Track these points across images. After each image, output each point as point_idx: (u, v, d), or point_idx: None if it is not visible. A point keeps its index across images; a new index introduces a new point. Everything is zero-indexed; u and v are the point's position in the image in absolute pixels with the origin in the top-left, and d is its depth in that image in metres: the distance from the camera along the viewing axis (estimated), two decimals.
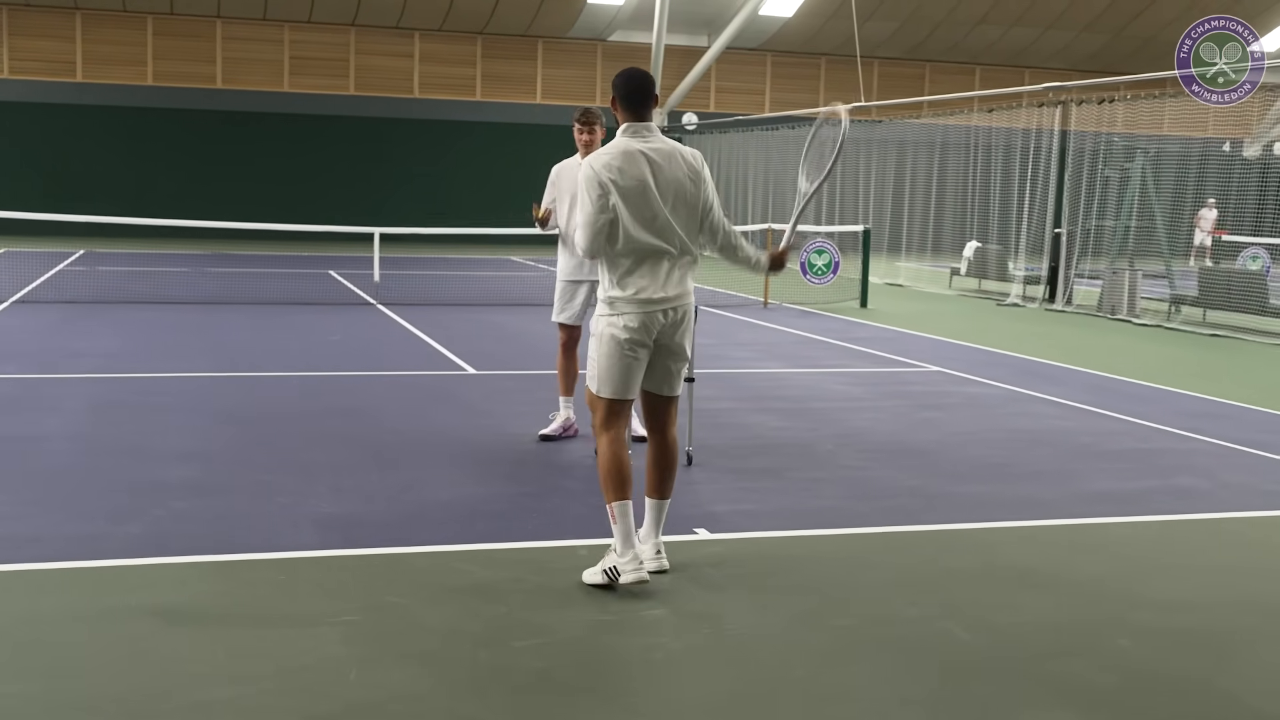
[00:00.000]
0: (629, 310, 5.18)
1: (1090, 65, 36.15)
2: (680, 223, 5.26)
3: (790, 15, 33.65)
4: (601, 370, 5.26)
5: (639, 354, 5.22)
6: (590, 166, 5.16)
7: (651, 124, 5.30)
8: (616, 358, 5.21)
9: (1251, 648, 4.79)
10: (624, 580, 5.05)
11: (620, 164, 5.13)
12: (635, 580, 5.05)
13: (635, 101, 5.26)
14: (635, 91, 5.26)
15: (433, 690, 4.14)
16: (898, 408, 9.90)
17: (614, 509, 5.14)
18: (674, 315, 5.25)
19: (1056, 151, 20.36)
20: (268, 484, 6.78)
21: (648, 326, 5.19)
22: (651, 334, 5.21)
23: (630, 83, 5.28)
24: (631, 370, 5.24)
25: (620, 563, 5.08)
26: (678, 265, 5.29)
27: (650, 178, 5.15)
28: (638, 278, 5.20)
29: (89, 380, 10.06)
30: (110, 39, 31.23)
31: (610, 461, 5.21)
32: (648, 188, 5.15)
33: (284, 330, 13.76)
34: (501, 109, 33.19)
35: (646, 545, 5.35)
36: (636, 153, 5.17)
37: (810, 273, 19.06)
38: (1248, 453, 8.43)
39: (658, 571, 5.26)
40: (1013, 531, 6.36)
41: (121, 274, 20.22)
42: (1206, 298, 17.43)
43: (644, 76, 5.33)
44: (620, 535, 5.12)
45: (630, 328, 5.17)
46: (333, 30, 32.58)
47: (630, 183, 5.12)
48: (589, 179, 5.15)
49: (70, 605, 4.83)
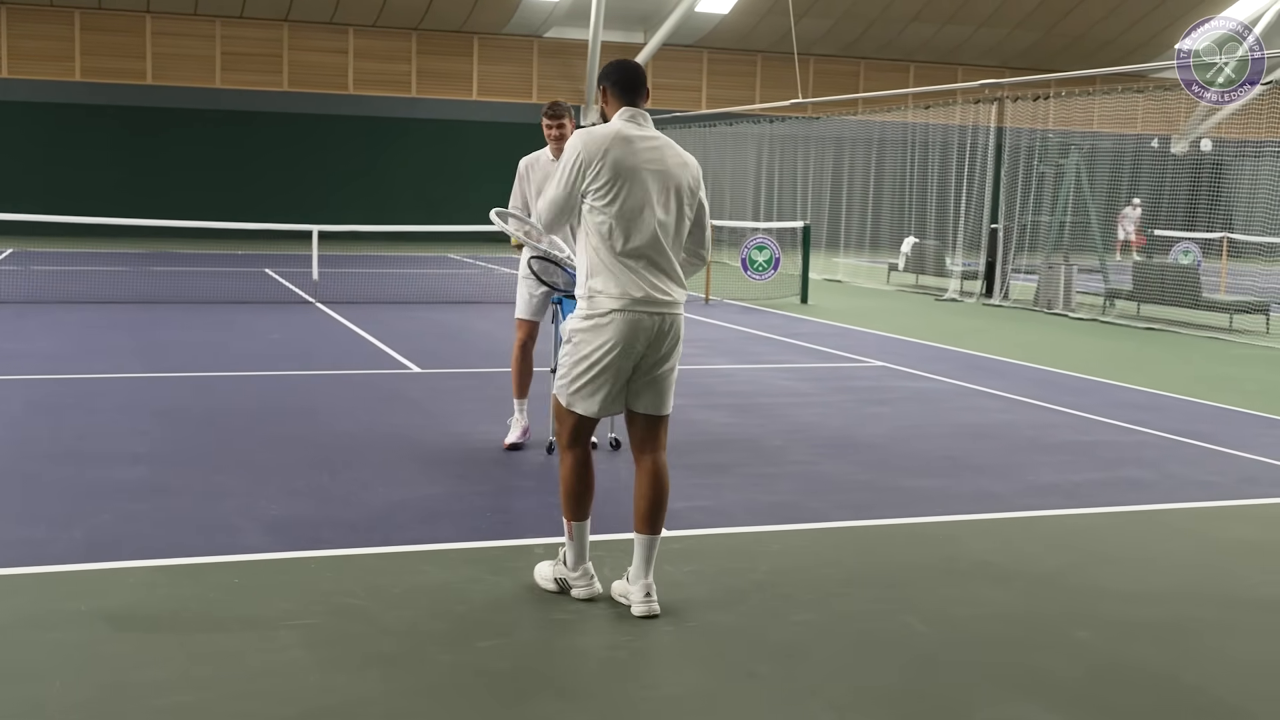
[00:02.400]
0: (615, 311, 4.67)
1: (1021, 62, 36.57)
2: (673, 219, 4.80)
3: (726, 12, 33.73)
4: (578, 382, 4.77)
5: (623, 365, 4.72)
6: (580, 139, 4.75)
7: (647, 114, 4.92)
8: (597, 368, 4.72)
9: (1207, 638, 4.85)
10: (575, 594, 4.95)
11: (613, 146, 4.71)
12: (588, 596, 4.94)
13: (629, 88, 4.90)
14: (629, 78, 4.91)
15: (396, 693, 4.08)
16: (844, 403, 9.94)
17: (571, 527, 4.96)
18: (664, 323, 4.76)
19: (992, 148, 20.57)
20: (216, 485, 6.67)
21: (635, 333, 4.69)
22: (639, 343, 4.71)
23: (623, 69, 4.95)
24: (613, 384, 4.75)
25: (572, 577, 4.97)
26: (671, 265, 4.81)
27: (644, 166, 4.74)
28: (626, 275, 4.69)
29: (24, 382, 9.85)
30: (36, 34, 30.64)
31: (577, 484, 4.91)
32: (640, 175, 4.72)
33: (223, 329, 13.56)
34: (437, 105, 32.98)
35: (635, 586, 4.85)
36: (633, 138, 4.76)
37: (751, 269, 19.12)
38: (1190, 444, 8.55)
39: (647, 616, 4.77)
40: (966, 525, 6.40)
41: (52, 273, 19.85)
42: (1140, 292, 17.68)
43: (636, 64, 5.00)
44: (575, 552, 4.97)
45: (615, 334, 4.68)
46: (265, 26, 32.19)
47: (621, 167, 4.69)
48: (572, 150, 4.74)
49: (18, 612, 4.71)
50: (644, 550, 4.88)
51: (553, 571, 5.04)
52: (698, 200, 4.93)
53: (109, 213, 23.45)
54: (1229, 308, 16.78)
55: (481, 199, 33.31)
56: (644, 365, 4.78)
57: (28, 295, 16.44)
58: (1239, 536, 6.38)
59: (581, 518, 4.96)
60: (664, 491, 4.93)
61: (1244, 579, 5.64)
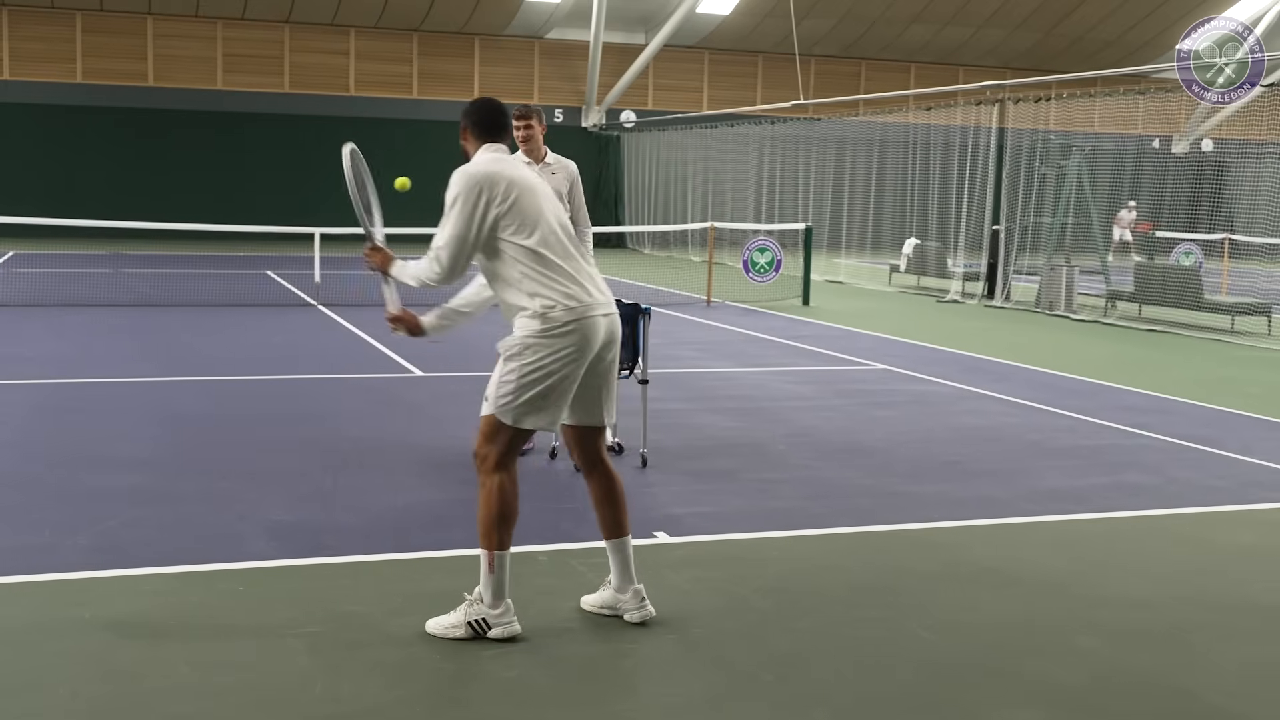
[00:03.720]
0: (566, 319, 4.59)
1: (1022, 63, 36.58)
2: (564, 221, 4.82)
3: (727, 13, 33.73)
4: (525, 396, 4.60)
5: (574, 374, 4.63)
6: (464, 178, 4.65)
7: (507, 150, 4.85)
8: (547, 380, 4.59)
9: (1209, 645, 4.85)
10: (494, 634, 4.58)
11: (504, 169, 4.69)
12: (509, 635, 4.58)
13: (489, 127, 4.84)
14: (488, 118, 4.85)
15: (401, 702, 4.09)
16: (847, 406, 9.95)
17: (495, 558, 4.61)
18: (611, 326, 4.73)
19: (994, 149, 20.57)
20: (219, 491, 6.67)
21: (586, 339, 4.62)
22: (591, 348, 4.65)
23: (483, 109, 4.87)
24: (566, 395, 4.65)
25: (492, 615, 4.59)
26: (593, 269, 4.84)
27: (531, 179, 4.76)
28: (565, 280, 4.63)
29: (27, 386, 9.86)
30: (38, 36, 30.65)
31: (505, 506, 4.64)
32: (534, 188, 4.72)
33: (225, 332, 13.57)
34: (438, 107, 32.95)
35: (626, 595, 4.82)
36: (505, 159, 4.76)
37: (753, 271, 19.13)
38: (1193, 448, 8.55)
39: (644, 622, 4.78)
40: (970, 530, 6.40)
41: (54, 276, 19.85)
42: (1142, 293, 17.68)
43: (498, 104, 4.91)
44: (495, 586, 4.61)
45: (568, 341, 4.59)
46: (266, 27, 32.20)
47: (520, 184, 4.67)
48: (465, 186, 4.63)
49: (22, 620, 4.72)
50: (621, 556, 4.85)
51: (464, 615, 4.62)
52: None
53: (110, 215, 23.46)
54: (1231, 309, 16.78)
55: None
56: (590, 370, 4.71)
57: (27, 298, 16.44)
58: (1242, 542, 6.38)
59: (507, 545, 4.65)
60: (623, 491, 4.93)
61: (1247, 584, 5.64)
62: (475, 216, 4.61)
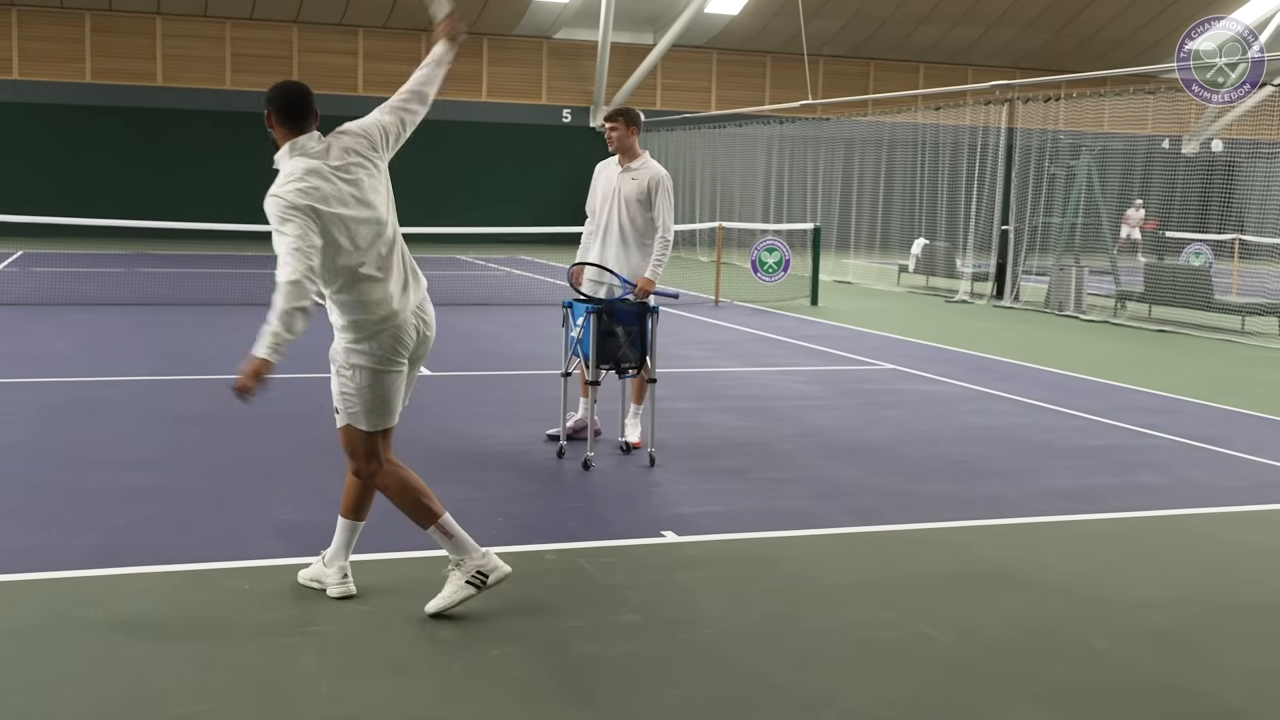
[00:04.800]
0: (386, 325, 4.73)
1: (1031, 63, 36.51)
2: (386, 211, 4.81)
3: (736, 13, 33.70)
4: (365, 402, 4.81)
5: (400, 369, 4.85)
6: (282, 198, 4.53)
7: (314, 133, 4.75)
8: (379, 383, 4.80)
9: (1222, 646, 4.82)
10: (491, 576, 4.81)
11: (314, 184, 4.59)
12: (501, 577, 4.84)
13: (293, 114, 4.73)
14: (292, 103, 4.74)
15: (408, 702, 4.07)
16: (855, 406, 9.92)
17: (441, 526, 4.86)
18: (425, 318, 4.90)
19: (1003, 149, 20.52)
20: (227, 490, 6.67)
21: (402, 340, 4.80)
22: (408, 346, 4.82)
23: (286, 94, 4.77)
24: (397, 394, 4.91)
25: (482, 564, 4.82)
26: (408, 267, 4.86)
27: (345, 186, 4.66)
28: (377, 293, 4.70)
29: (36, 385, 9.86)
30: (47, 35, 30.70)
31: (408, 489, 4.90)
32: (346, 197, 4.64)
33: (234, 331, 13.55)
34: (447, 107, 32.90)
35: (332, 569, 5.02)
36: (319, 168, 4.64)
37: (761, 270, 19.10)
38: (1203, 448, 8.51)
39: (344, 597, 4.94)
40: (980, 530, 6.37)
41: (63, 275, 19.88)
42: (1152, 293, 17.63)
43: (301, 92, 4.80)
44: (463, 542, 4.85)
45: (386, 347, 4.77)
46: (275, 27, 32.22)
47: (331, 199, 4.59)
48: (284, 211, 4.51)
49: (30, 619, 4.71)
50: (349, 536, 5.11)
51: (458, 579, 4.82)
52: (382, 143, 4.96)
53: (119, 214, 23.49)
54: (1241, 310, 16.72)
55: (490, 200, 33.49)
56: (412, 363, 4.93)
57: (37, 298, 16.46)
58: (1254, 542, 6.34)
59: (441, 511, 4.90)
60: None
61: (1261, 585, 5.61)
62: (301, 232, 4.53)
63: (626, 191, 7.94)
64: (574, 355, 7.70)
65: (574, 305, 7.66)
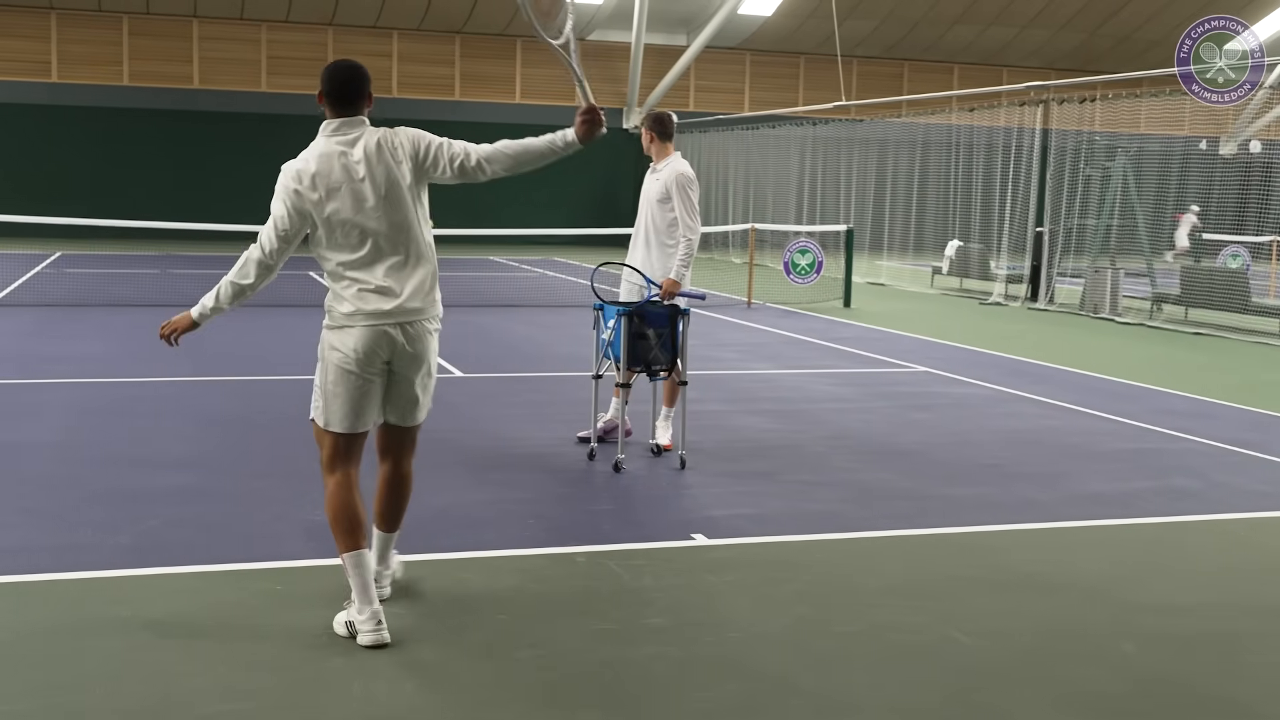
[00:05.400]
0: (351, 326, 4.61)
1: (1067, 63, 36.29)
2: (402, 219, 4.63)
3: (769, 14, 33.66)
4: (327, 399, 4.69)
5: (369, 379, 4.63)
6: (284, 173, 4.65)
7: (359, 119, 4.70)
8: (341, 384, 4.63)
9: (1254, 651, 4.78)
10: (361, 641, 4.47)
11: (314, 169, 4.59)
12: (374, 642, 4.46)
13: (341, 97, 4.67)
14: (342, 86, 4.67)
15: (436, 704, 4.09)
16: (887, 408, 9.88)
17: (346, 560, 4.57)
18: (410, 331, 4.65)
19: (1038, 150, 20.40)
20: (259, 491, 6.71)
21: (376, 345, 4.60)
22: (382, 355, 4.62)
23: (337, 76, 4.69)
24: (362, 399, 4.65)
25: (359, 620, 4.51)
26: (407, 271, 4.65)
27: (350, 178, 4.58)
28: (359, 287, 4.60)
29: (72, 385, 9.95)
30: (85, 39, 30.99)
31: (339, 508, 4.65)
32: (349, 189, 4.57)
33: (265, 333, 13.66)
34: (480, 108, 33.08)
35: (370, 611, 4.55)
36: (333, 154, 4.61)
37: (794, 272, 19.07)
38: (1238, 452, 8.43)
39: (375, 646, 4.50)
40: (1011, 535, 6.34)
41: (100, 276, 20.06)
42: (1188, 296, 17.48)
43: (351, 69, 4.72)
44: (356, 589, 4.53)
45: (356, 348, 4.60)
46: (310, 29, 32.40)
47: (328, 187, 4.56)
48: (281, 185, 4.65)
49: (61, 618, 4.75)
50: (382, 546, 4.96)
51: (343, 614, 4.63)
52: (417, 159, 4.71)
53: (155, 216, 23.65)
54: (1278, 312, 16.55)
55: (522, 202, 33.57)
56: (394, 375, 4.75)
57: (73, 298, 16.61)
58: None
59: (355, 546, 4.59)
60: (405, 493, 5.07)
61: None
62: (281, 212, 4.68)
63: (649, 192, 7.99)
64: (605, 358, 7.71)
65: (605, 308, 7.67)
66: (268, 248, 4.74)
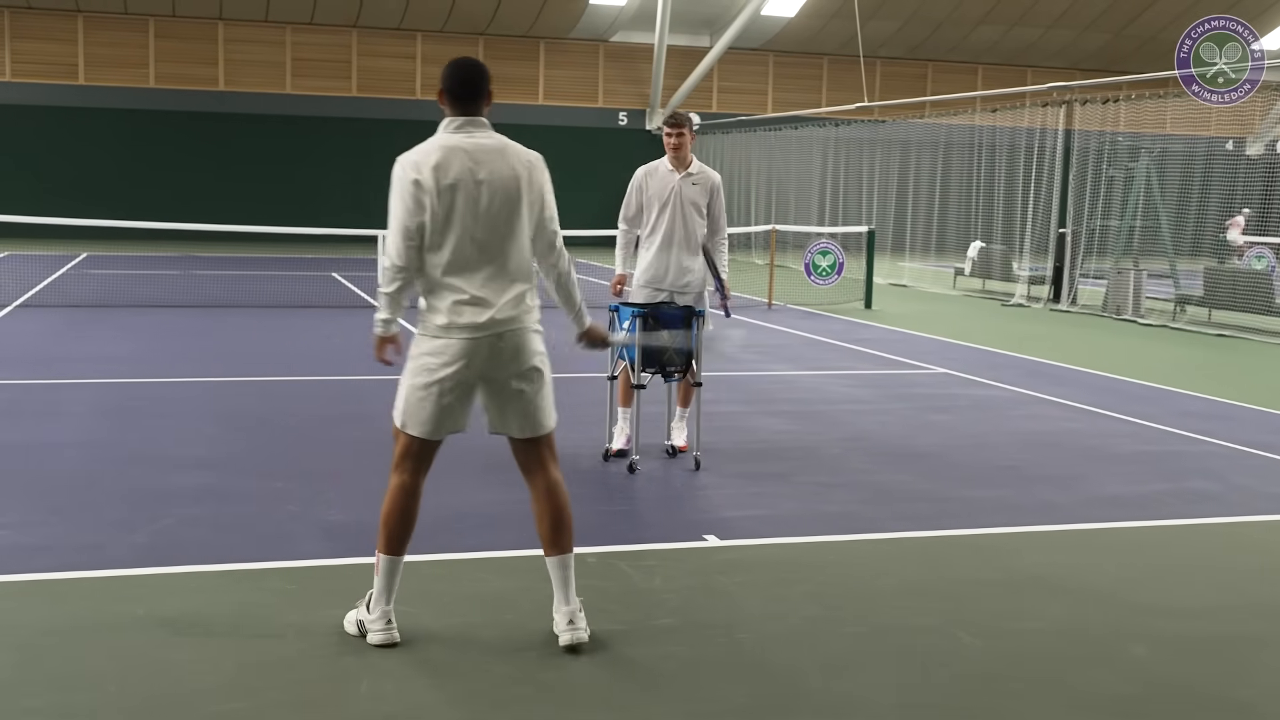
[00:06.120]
0: (445, 337, 4.48)
1: (1091, 64, 36.14)
2: (508, 229, 4.53)
3: (792, 15, 33.63)
4: (409, 403, 4.57)
5: (455, 391, 4.51)
6: (400, 165, 4.48)
7: (481, 119, 4.60)
8: (427, 392, 4.51)
9: (1266, 654, 4.76)
10: (371, 640, 4.52)
11: (435, 161, 4.45)
12: (384, 641, 4.50)
13: (466, 96, 4.56)
14: (462, 84, 4.56)
15: (446, 702, 4.11)
16: (905, 410, 9.87)
17: (381, 560, 4.58)
18: (504, 343, 4.51)
19: (1061, 151, 20.32)
20: (277, 491, 6.75)
21: (471, 358, 4.48)
22: (475, 367, 4.50)
23: (457, 73, 4.57)
24: (444, 411, 4.53)
25: (369, 619, 4.54)
26: (503, 282, 4.52)
27: (470, 176, 4.46)
28: (454, 298, 4.46)
29: (95, 385, 10.03)
30: (112, 41, 31.23)
31: (393, 510, 4.61)
32: (465, 188, 4.45)
33: (288, 333, 13.74)
34: (504, 110, 33.04)
35: (558, 615, 4.59)
36: (456, 149, 4.48)
37: (815, 274, 19.05)
38: (1259, 455, 8.39)
39: (574, 645, 4.51)
40: (1025, 537, 6.33)
41: (125, 277, 20.19)
42: (1212, 298, 17.39)
43: (473, 67, 4.61)
44: (378, 588, 4.55)
45: (448, 360, 4.48)
46: (335, 32, 32.56)
47: (446, 182, 4.43)
48: (397, 179, 4.47)
49: (77, 616, 4.80)
50: (558, 573, 4.66)
51: (355, 612, 4.66)
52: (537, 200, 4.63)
53: (181, 218, 23.83)
54: None
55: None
56: (492, 386, 4.58)
57: (98, 299, 16.73)
58: None
59: (394, 551, 4.59)
60: (561, 506, 4.78)
61: None
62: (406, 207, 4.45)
63: (689, 196, 7.86)
64: (620, 359, 7.72)
65: (620, 309, 7.68)
66: (395, 255, 4.49)
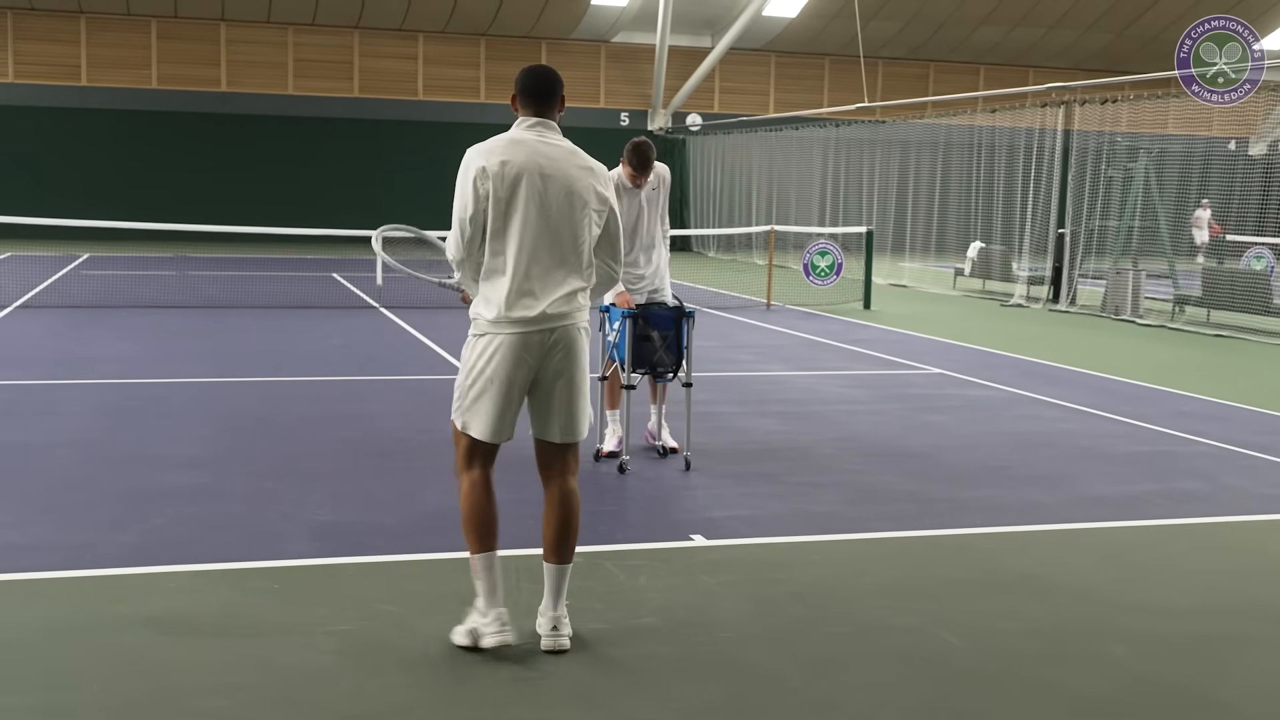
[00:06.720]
0: (499, 332, 4.51)
1: (1093, 65, 36.12)
2: (567, 227, 4.56)
3: (794, 16, 33.65)
4: (470, 405, 4.59)
5: (512, 386, 4.54)
6: (470, 153, 4.56)
7: (552, 123, 4.71)
8: (486, 392, 4.54)
9: (1246, 654, 4.78)
10: (485, 644, 4.49)
11: (504, 151, 4.54)
12: (498, 643, 4.49)
13: (539, 98, 4.68)
14: (537, 85, 4.69)
15: (427, 700, 4.14)
16: (898, 411, 9.89)
17: (477, 563, 4.59)
18: (555, 339, 4.53)
19: (1060, 151, 20.33)
20: (268, 491, 6.78)
21: (524, 352, 4.52)
22: (528, 363, 4.53)
23: (532, 76, 4.69)
24: (503, 406, 4.55)
25: (482, 624, 4.52)
26: (557, 278, 4.56)
27: (536, 171, 4.53)
28: (506, 290, 4.49)
29: (93, 385, 10.07)
30: (114, 43, 31.29)
31: (472, 508, 4.64)
32: (529, 181, 4.51)
33: (287, 334, 13.78)
34: (505, 111, 32.98)
35: (543, 619, 4.60)
36: (525, 143, 4.58)
37: (813, 274, 19.07)
38: (1249, 455, 8.41)
39: (554, 651, 4.52)
40: (1009, 537, 6.35)
41: (125, 278, 20.24)
42: (1210, 298, 17.40)
43: (549, 72, 4.72)
44: (484, 591, 4.56)
45: (504, 356, 4.50)
46: (336, 33, 32.61)
47: (511, 172, 4.49)
48: (465, 166, 4.54)
49: (65, 615, 4.83)
50: (552, 581, 4.65)
51: (466, 622, 4.59)
52: (600, 206, 4.68)
53: (182, 218, 23.88)
54: None
55: None
56: (539, 384, 4.61)
57: (99, 300, 16.78)
58: None
59: (486, 548, 4.62)
60: (571, 516, 4.75)
61: None
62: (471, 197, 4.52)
63: (647, 200, 7.83)
64: (610, 359, 7.75)
65: (611, 309, 7.71)
66: (455, 243, 4.58)
